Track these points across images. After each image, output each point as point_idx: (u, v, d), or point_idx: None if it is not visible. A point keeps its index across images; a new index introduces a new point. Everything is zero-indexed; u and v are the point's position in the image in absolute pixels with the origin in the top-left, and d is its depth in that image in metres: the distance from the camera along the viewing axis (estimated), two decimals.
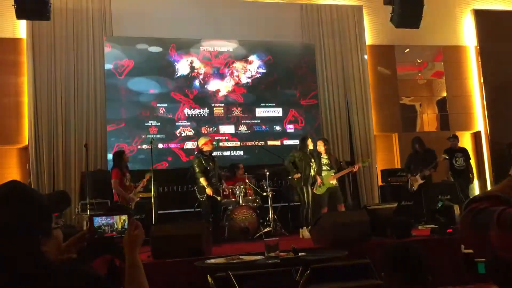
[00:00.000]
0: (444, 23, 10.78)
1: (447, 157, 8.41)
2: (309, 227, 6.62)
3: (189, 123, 9.21)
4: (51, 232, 1.43)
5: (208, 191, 6.94)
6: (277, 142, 9.58)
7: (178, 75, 9.29)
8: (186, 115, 9.21)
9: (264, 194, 7.92)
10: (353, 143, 9.95)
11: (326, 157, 7.55)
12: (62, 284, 1.28)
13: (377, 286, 4.66)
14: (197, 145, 7.62)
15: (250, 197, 7.84)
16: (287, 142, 9.58)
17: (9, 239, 1.29)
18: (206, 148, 7.22)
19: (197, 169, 7.06)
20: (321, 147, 7.57)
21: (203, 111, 9.31)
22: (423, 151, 8.31)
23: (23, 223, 1.32)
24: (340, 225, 5.48)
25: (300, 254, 3.61)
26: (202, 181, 6.99)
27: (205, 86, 9.41)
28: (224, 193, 7.71)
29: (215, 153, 8.05)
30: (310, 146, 7.35)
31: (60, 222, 6.77)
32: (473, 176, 9.05)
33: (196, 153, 7.49)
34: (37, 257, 1.32)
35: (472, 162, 9.40)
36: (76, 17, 8.89)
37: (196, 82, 9.38)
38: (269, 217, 7.70)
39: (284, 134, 9.66)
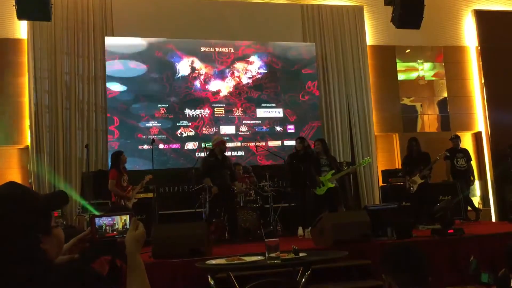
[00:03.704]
0: (445, 24, 10.78)
1: (448, 154, 8.38)
2: (309, 227, 6.60)
3: (189, 124, 9.22)
4: (51, 230, 1.43)
5: (214, 190, 6.97)
6: (278, 143, 9.58)
7: (179, 76, 9.29)
8: (187, 116, 9.21)
9: (265, 194, 7.92)
10: (354, 144, 9.95)
11: (325, 157, 7.53)
12: (63, 284, 1.28)
13: (377, 287, 4.65)
14: (210, 144, 7.72)
15: (251, 198, 7.84)
16: (288, 142, 9.58)
17: (8, 240, 1.30)
18: (216, 149, 7.22)
19: (201, 169, 7.15)
20: (319, 147, 7.56)
21: (203, 112, 9.32)
22: (418, 154, 8.13)
23: (20, 223, 1.32)
24: (341, 225, 5.47)
25: (301, 254, 3.61)
26: (206, 181, 7.05)
27: (206, 87, 9.41)
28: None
29: None
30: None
31: (60, 221, 6.76)
32: (474, 178, 9.03)
33: (205, 153, 7.54)
34: (38, 255, 1.32)
35: (473, 162, 9.38)
36: (77, 17, 8.91)
37: (197, 83, 9.39)
38: (270, 218, 7.69)
39: (285, 135, 9.65)
